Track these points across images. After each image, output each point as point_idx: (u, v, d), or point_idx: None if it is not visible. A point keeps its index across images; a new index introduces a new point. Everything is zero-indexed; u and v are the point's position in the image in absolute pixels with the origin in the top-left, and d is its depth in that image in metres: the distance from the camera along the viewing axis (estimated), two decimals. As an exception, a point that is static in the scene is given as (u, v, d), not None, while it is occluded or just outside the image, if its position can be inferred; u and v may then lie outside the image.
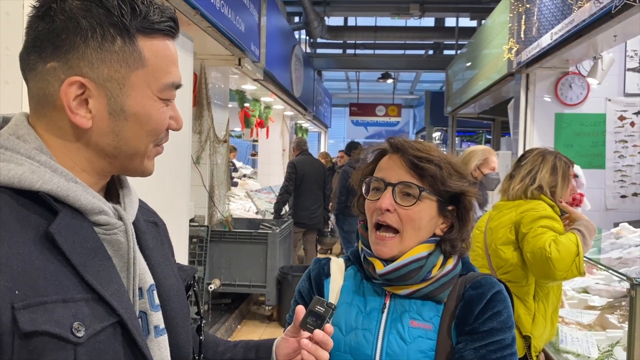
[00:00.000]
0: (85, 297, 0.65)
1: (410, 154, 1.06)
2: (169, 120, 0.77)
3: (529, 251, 1.94)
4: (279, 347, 0.92)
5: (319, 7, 8.88)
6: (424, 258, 1.06)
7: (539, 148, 2.26)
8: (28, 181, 0.66)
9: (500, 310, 1.03)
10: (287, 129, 9.07)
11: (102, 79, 0.70)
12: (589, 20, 3.36)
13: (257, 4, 4.94)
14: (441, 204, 1.08)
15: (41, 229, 0.65)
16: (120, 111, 0.71)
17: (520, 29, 4.83)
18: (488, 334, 1.01)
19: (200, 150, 4.41)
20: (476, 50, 7.11)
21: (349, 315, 1.10)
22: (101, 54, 0.69)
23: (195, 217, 4.43)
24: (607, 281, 3.13)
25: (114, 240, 0.72)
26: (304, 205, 5.94)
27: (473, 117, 9.59)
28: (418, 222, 1.06)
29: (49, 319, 0.60)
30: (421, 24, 10.04)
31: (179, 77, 0.76)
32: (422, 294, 1.07)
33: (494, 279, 1.08)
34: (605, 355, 2.43)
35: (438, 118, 12.00)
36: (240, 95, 6.21)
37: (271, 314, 4.89)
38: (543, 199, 2.09)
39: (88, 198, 0.70)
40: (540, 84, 4.89)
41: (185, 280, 0.87)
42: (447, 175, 1.06)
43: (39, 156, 0.68)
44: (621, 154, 4.81)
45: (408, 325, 1.05)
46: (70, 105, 0.69)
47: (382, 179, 1.08)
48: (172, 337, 0.78)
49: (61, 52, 0.68)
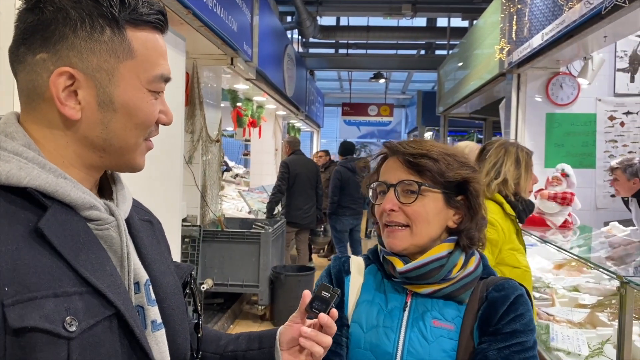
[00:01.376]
0: (80, 291, 0.64)
1: (404, 152, 1.09)
2: (159, 114, 0.77)
3: None
4: (283, 334, 0.92)
5: (312, 7, 8.88)
6: (445, 257, 1.07)
7: (499, 140, 2.25)
8: (15, 177, 0.65)
9: (523, 313, 1.05)
10: (280, 129, 9.06)
11: (91, 69, 0.69)
12: (580, 21, 3.39)
13: (250, 3, 4.94)
14: (447, 195, 1.09)
15: (30, 225, 0.64)
16: (109, 102, 0.71)
17: (511, 29, 4.86)
18: (511, 336, 1.02)
19: (193, 150, 4.39)
20: (468, 51, 7.13)
21: (370, 312, 1.10)
22: (90, 44, 0.69)
23: (187, 217, 4.42)
24: (597, 279, 3.16)
25: (106, 236, 0.72)
26: (296, 204, 5.94)
27: (465, 116, 9.63)
28: (425, 215, 1.07)
29: (39, 314, 0.60)
30: (413, 24, 10.05)
31: (168, 70, 0.77)
32: (443, 293, 1.07)
33: (516, 282, 1.10)
34: (595, 352, 2.45)
35: (430, 118, 12.04)
36: (232, 94, 6.19)
37: (264, 314, 4.88)
38: (496, 198, 2.09)
39: (78, 193, 0.69)
40: (531, 84, 4.92)
41: (182, 278, 0.87)
42: (445, 167, 1.07)
43: (26, 153, 0.68)
44: (611, 153, 4.85)
45: (430, 324, 1.06)
46: (60, 96, 0.68)
47: (384, 182, 1.11)
48: (169, 334, 0.78)
49: (50, 43, 0.68)
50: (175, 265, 0.88)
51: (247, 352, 0.95)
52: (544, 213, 3.68)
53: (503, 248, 2.04)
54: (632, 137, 4.84)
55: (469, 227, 1.10)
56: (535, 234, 3.36)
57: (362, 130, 21.09)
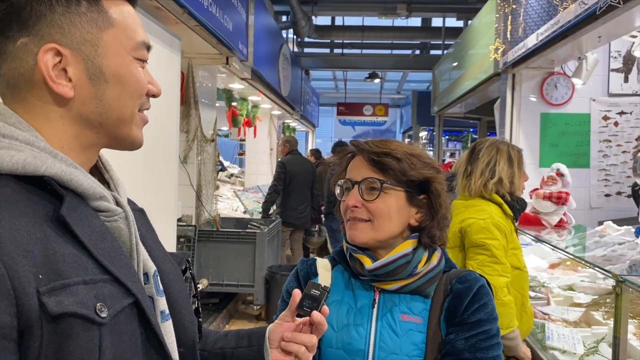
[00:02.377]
0: (103, 278, 0.65)
1: (369, 151, 1.13)
2: (148, 85, 0.76)
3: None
4: (273, 332, 0.92)
5: (307, 7, 8.87)
6: (410, 254, 1.11)
7: (489, 139, 2.24)
8: (32, 166, 0.65)
9: (487, 302, 1.10)
10: (275, 128, 9.05)
11: (75, 42, 0.69)
12: (574, 21, 3.40)
13: (245, 3, 4.93)
14: (410, 194, 1.13)
15: (50, 213, 0.64)
16: (99, 73, 0.71)
17: (506, 29, 4.87)
18: (477, 325, 1.07)
19: (188, 150, 4.38)
20: (463, 51, 7.15)
21: (340, 312, 1.13)
22: (70, 17, 0.68)
23: (182, 217, 4.41)
24: (592, 279, 3.17)
25: (114, 227, 0.71)
26: (292, 204, 5.93)
27: (459, 116, 9.65)
28: (387, 212, 1.11)
29: (74, 300, 0.60)
30: (408, 24, 10.06)
31: (147, 37, 0.77)
32: (410, 288, 1.11)
33: (477, 274, 1.15)
34: (590, 351, 2.46)
35: (425, 118, 12.06)
36: (227, 94, 6.18)
37: (259, 313, 4.88)
38: (494, 199, 2.10)
39: (89, 183, 0.69)
40: (526, 84, 4.94)
41: (180, 264, 0.87)
42: (408, 166, 1.11)
43: (37, 142, 0.67)
44: (605, 153, 4.87)
45: (399, 319, 1.10)
46: (51, 75, 0.68)
47: (349, 179, 1.15)
48: (177, 320, 0.79)
49: (29, 25, 0.67)
50: (170, 254, 0.88)
51: (236, 350, 0.95)
52: (539, 212, 3.69)
53: (507, 248, 2.04)
54: (625, 137, 4.86)
55: (430, 226, 1.14)
56: (530, 233, 3.37)
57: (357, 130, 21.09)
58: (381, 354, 1.07)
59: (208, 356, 0.96)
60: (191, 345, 0.83)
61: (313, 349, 0.89)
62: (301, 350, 0.88)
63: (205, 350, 0.96)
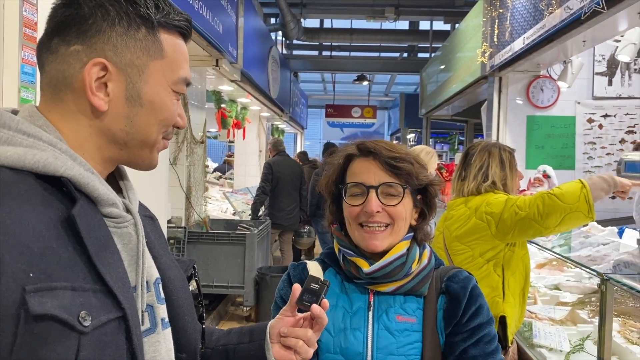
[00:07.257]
0: (94, 288, 0.65)
1: (385, 155, 1.11)
2: (177, 117, 0.80)
3: (515, 210, 1.97)
4: (274, 327, 0.94)
5: (296, 9, 8.89)
6: (405, 255, 1.12)
7: (480, 142, 2.28)
8: (53, 166, 0.67)
9: (482, 304, 1.12)
10: (264, 130, 9.05)
11: (124, 63, 0.72)
12: (560, 25, 3.46)
13: (235, 5, 4.94)
14: (414, 196, 1.16)
15: (60, 213, 0.65)
16: (137, 97, 0.74)
17: (493, 33, 4.94)
18: (479, 329, 1.09)
19: (177, 151, 4.38)
20: (450, 54, 7.22)
21: (335, 316, 1.12)
22: (126, 40, 0.72)
23: (172, 218, 4.40)
24: (578, 278, 3.22)
25: (124, 234, 0.73)
26: (280, 206, 5.94)
27: (447, 118, 9.74)
28: (404, 215, 1.13)
29: (57, 304, 0.60)
30: (396, 27, 10.14)
31: (190, 74, 0.81)
32: (405, 289, 1.12)
33: (465, 271, 1.17)
34: (576, 349, 2.51)
35: (412, 120, 12.14)
36: (217, 96, 6.18)
37: (249, 315, 4.87)
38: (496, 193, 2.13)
39: (104, 189, 0.71)
40: (512, 86, 5.01)
41: (187, 271, 0.88)
42: (418, 170, 1.13)
43: (60, 144, 0.69)
44: (590, 155, 4.96)
45: (395, 320, 1.10)
46: (92, 86, 0.70)
47: (362, 183, 1.11)
48: (180, 326, 0.79)
49: (86, 36, 0.71)
50: (177, 260, 0.89)
51: (238, 346, 0.96)
52: (526, 213, 3.73)
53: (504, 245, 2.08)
54: (610, 139, 4.95)
55: (424, 224, 1.18)
56: (517, 233, 3.41)
57: (345, 132, 21.12)
58: (379, 356, 1.08)
59: (212, 353, 0.97)
60: (192, 351, 0.84)
61: (312, 343, 0.90)
62: (299, 344, 0.89)
63: (208, 347, 0.97)
